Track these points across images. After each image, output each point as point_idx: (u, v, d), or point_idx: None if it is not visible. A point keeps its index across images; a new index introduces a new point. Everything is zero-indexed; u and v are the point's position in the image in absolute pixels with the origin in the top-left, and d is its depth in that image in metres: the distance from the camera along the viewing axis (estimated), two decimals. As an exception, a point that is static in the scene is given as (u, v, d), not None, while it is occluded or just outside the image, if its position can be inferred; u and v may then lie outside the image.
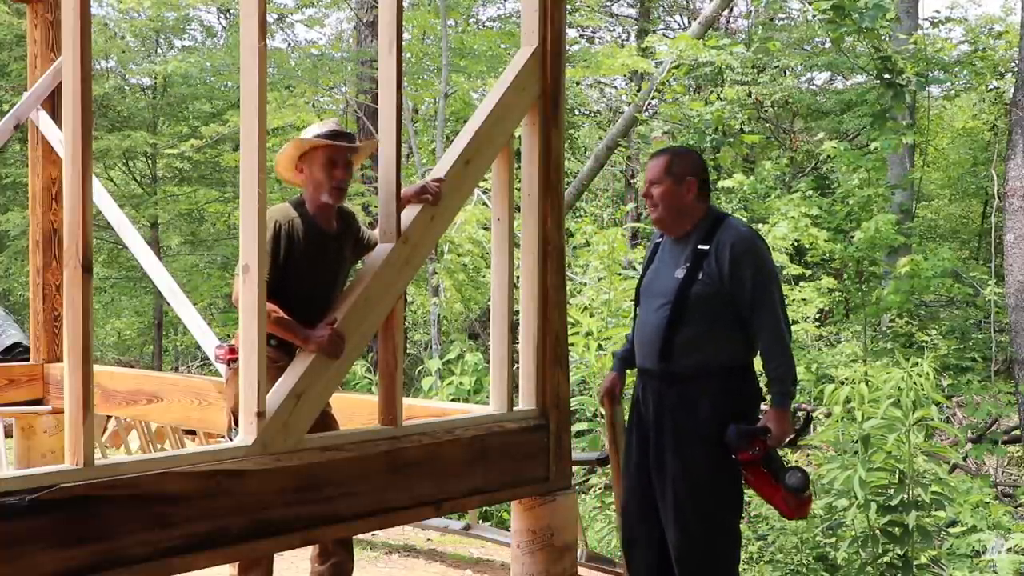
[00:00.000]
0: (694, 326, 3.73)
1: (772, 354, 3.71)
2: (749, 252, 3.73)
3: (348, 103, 14.21)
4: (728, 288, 3.70)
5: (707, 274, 3.72)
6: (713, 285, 3.71)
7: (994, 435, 10.01)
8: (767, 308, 3.70)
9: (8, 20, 14.27)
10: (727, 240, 3.73)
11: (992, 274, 11.89)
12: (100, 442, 7.46)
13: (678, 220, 3.84)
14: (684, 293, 3.74)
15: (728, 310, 3.72)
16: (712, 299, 3.72)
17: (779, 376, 3.70)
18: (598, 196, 18.48)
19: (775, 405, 3.73)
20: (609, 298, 8.40)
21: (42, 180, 6.34)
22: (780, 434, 3.71)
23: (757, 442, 3.66)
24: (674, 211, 3.83)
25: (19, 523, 2.91)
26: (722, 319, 3.73)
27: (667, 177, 3.82)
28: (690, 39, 11.59)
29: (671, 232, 3.89)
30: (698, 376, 3.74)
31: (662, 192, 3.82)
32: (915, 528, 5.91)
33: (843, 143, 11.90)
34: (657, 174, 3.84)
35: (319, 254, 3.82)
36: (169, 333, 17.11)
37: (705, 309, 3.72)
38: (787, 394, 3.71)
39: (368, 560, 5.65)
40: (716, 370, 3.73)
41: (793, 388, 3.75)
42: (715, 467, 3.72)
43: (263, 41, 3.39)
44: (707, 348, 3.73)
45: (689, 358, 3.74)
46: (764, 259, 3.78)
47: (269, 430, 3.46)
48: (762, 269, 3.74)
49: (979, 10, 30.11)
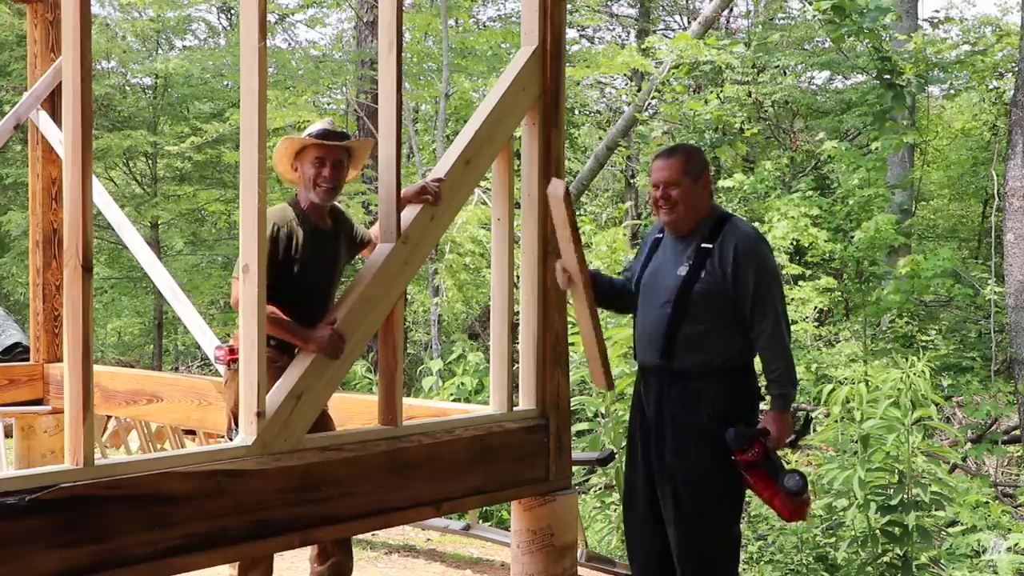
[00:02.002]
0: (696, 324, 3.73)
1: (772, 355, 3.72)
2: (753, 252, 3.73)
3: (348, 103, 14.21)
4: (730, 287, 3.70)
5: (710, 272, 3.72)
6: (716, 284, 3.71)
7: (994, 435, 10.00)
8: (768, 309, 3.70)
9: (8, 20, 14.27)
10: (731, 239, 3.73)
11: (992, 274, 11.89)
12: (100, 442, 7.46)
13: (691, 219, 3.81)
14: (687, 291, 3.73)
15: (730, 309, 3.72)
16: (714, 298, 3.72)
17: (779, 377, 3.71)
18: (598, 196, 18.48)
19: (774, 406, 3.73)
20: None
21: (42, 180, 6.34)
22: (779, 436, 3.71)
23: (756, 443, 3.66)
24: (692, 210, 3.80)
25: (19, 523, 2.91)
26: (724, 318, 3.73)
27: (686, 177, 3.78)
28: (690, 39, 11.59)
29: (680, 231, 3.84)
30: (699, 374, 3.74)
31: (682, 193, 3.77)
32: (915, 528, 5.91)
33: (843, 143, 11.90)
34: (675, 175, 3.78)
35: (316, 253, 3.83)
36: (169, 333, 17.10)
37: (707, 307, 3.72)
38: (787, 396, 3.72)
39: (368, 560, 5.65)
40: (717, 369, 3.74)
41: (793, 390, 3.75)
42: (714, 466, 3.72)
43: (263, 41, 3.39)
44: (708, 346, 3.73)
45: (691, 356, 3.74)
46: (767, 260, 3.79)
47: (269, 430, 3.47)
48: (765, 270, 3.74)
49: (974, 10, 30.16)
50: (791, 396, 3.74)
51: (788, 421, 3.74)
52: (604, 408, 6.79)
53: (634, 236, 13.77)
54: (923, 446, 6.30)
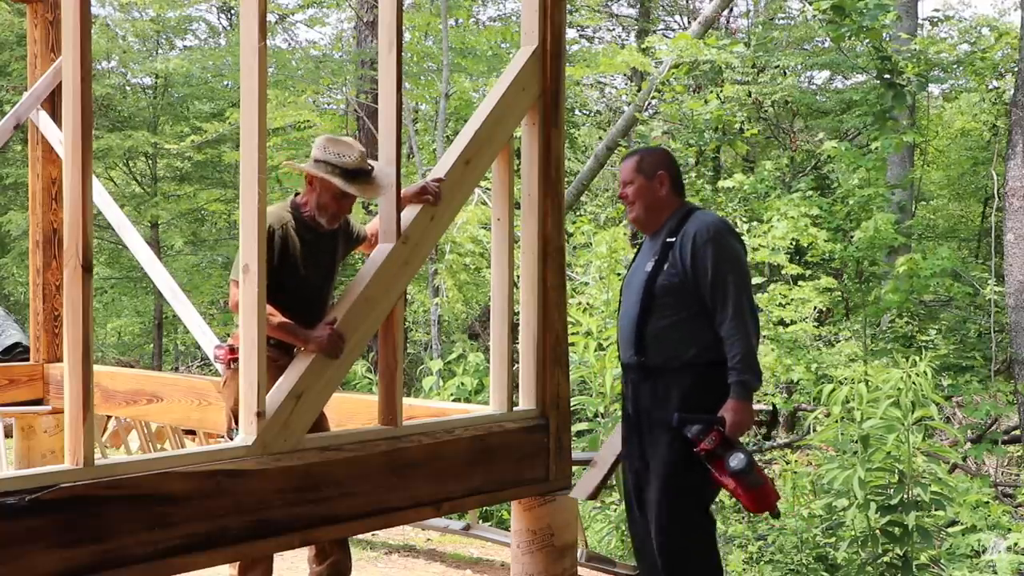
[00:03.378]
0: (661, 318, 3.74)
1: (731, 341, 3.65)
2: (711, 241, 3.70)
3: (348, 103, 14.21)
4: (691, 278, 3.71)
5: (672, 265, 3.74)
6: (678, 276, 3.72)
7: (994, 435, 9.99)
8: (728, 296, 3.66)
9: (8, 20, 14.26)
10: (691, 230, 3.75)
11: (992, 274, 11.89)
12: (100, 442, 7.46)
13: (653, 216, 3.88)
14: (651, 285, 3.76)
15: (695, 302, 3.71)
16: (678, 291, 3.72)
17: (737, 364, 3.63)
18: (598, 196, 18.48)
19: (733, 394, 3.65)
20: (609, 297, 8.40)
21: (42, 180, 6.34)
22: (736, 424, 3.62)
23: (711, 431, 3.59)
24: (649, 207, 3.87)
25: (19, 523, 2.91)
26: (690, 311, 3.72)
27: (639, 175, 3.88)
28: (690, 38, 11.59)
29: (647, 229, 3.93)
30: (669, 370, 3.73)
31: (636, 189, 3.87)
32: (915, 528, 5.91)
33: (843, 143, 11.90)
34: (629, 173, 3.90)
35: (314, 253, 3.84)
36: (169, 333, 17.09)
37: (670, 300, 3.73)
38: (745, 383, 3.64)
39: (368, 560, 5.65)
40: (687, 364, 3.71)
41: (752, 377, 3.65)
42: (683, 461, 3.68)
43: (263, 41, 3.39)
44: (675, 340, 3.72)
45: (659, 351, 3.74)
46: (726, 247, 3.74)
47: (269, 430, 3.47)
48: (723, 257, 3.70)
49: (971, 11, 30.15)
50: (751, 384, 3.65)
51: (747, 409, 3.65)
52: (604, 408, 6.80)
53: (634, 236, 13.76)
54: (923, 446, 6.30)
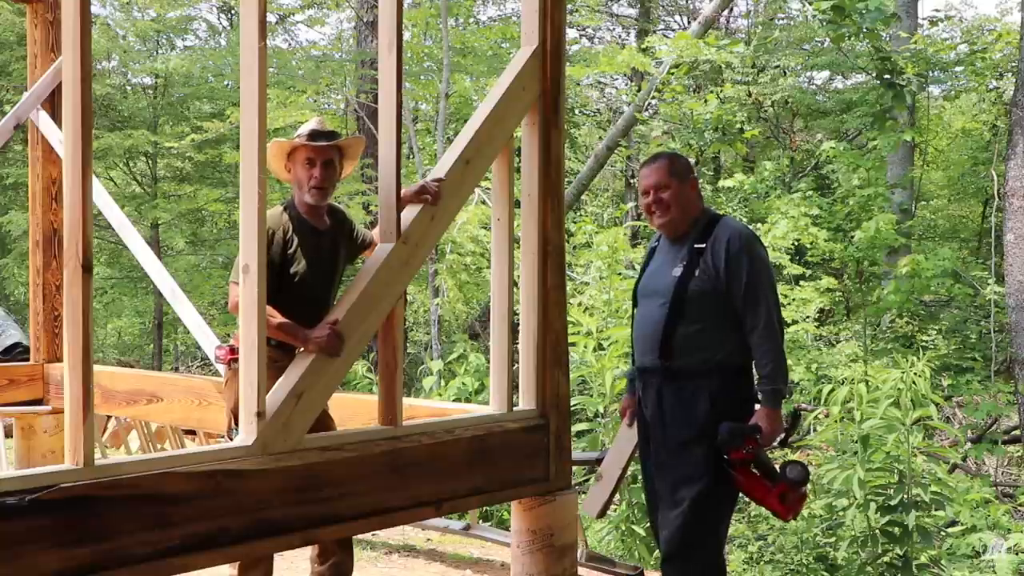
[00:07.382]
0: (692, 323, 3.74)
1: (763, 351, 3.71)
2: (745, 249, 3.74)
3: (348, 103, 14.21)
4: (724, 285, 3.72)
5: (704, 271, 3.75)
6: (710, 281, 3.74)
7: (994, 435, 10.00)
8: (760, 304, 3.71)
9: (9, 20, 14.26)
10: (724, 237, 3.76)
11: (992, 274, 11.89)
12: (100, 442, 7.46)
13: (685, 221, 3.87)
14: (682, 290, 3.76)
15: (725, 308, 3.74)
16: (709, 296, 3.74)
17: (769, 373, 3.70)
18: (598, 196, 18.48)
19: (765, 403, 3.72)
20: (609, 298, 8.41)
21: (42, 180, 6.34)
22: (771, 433, 3.70)
23: (749, 440, 3.64)
24: (683, 211, 3.87)
25: (19, 523, 2.91)
26: (719, 317, 3.74)
27: (673, 179, 3.86)
28: (690, 38, 11.59)
29: (675, 233, 3.90)
30: (696, 373, 3.75)
31: (672, 194, 3.85)
32: (915, 528, 5.92)
33: (843, 143, 11.90)
34: (662, 178, 3.86)
35: (313, 253, 3.83)
36: (169, 333, 17.09)
37: (702, 306, 3.74)
38: (778, 392, 3.71)
39: (368, 560, 5.65)
40: (714, 368, 3.74)
41: (784, 387, 3.74)
42: (707, 468, 3.71)
43: (263, 41, 3.39)
44: (705, 345, 3.74)
45: (688, 355, 3.75)
46: (760, 257, 3.79)
47: (269, 430, 3.46)
48: (757, 267, 3.75)
49: (973, 11, 30.16)
50: (782, 393, 3.74)
51: (779, 418, 3.73)
52: (604, 408, 6.80)
53: (634, 236, 13.77)
54: (923, 446, 6.31)
